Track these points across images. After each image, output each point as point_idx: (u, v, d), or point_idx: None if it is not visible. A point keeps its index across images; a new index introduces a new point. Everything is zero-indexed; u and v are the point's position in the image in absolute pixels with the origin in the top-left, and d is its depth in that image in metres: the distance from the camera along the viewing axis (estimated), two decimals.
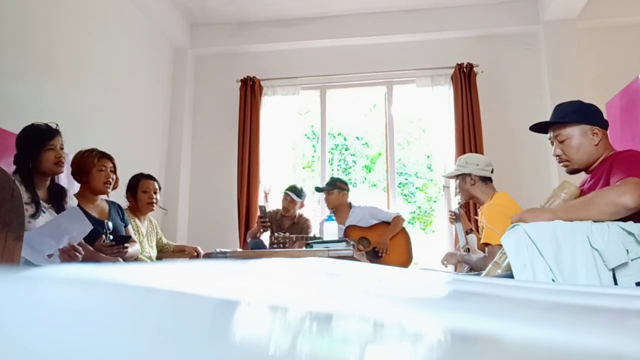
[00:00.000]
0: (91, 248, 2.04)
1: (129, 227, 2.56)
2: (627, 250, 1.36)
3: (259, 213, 3.43)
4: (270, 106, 4.36)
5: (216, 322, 0.32)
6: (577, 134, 1.73)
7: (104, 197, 2.45)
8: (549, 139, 1.83)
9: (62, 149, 2.04)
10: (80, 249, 1.90)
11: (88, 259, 1.98)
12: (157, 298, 0.37)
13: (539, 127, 1.86)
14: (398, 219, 3.41)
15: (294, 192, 3.54)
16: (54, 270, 0.57)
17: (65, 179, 2.50)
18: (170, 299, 0.37)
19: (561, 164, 1.81)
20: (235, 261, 1.94)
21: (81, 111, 3.16)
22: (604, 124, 1.75)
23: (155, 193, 2.86)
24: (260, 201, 4.16)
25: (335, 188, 3.48)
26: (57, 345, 0.22)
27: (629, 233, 1.38)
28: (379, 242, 3.30)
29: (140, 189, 2.81)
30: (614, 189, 1.47)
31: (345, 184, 3.55)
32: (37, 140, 1.98)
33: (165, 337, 0.25)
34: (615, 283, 1.35)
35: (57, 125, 2.07)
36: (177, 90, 4.46)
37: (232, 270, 0.69)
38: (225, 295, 0.41)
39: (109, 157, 2.40)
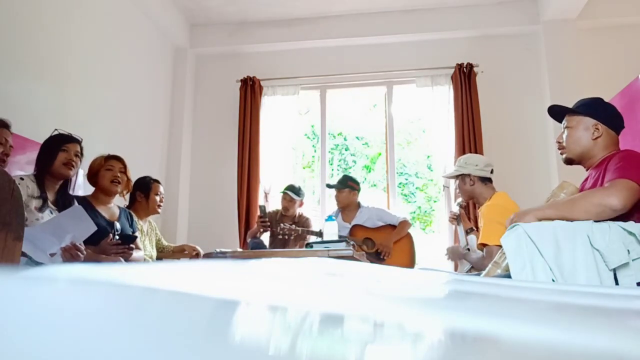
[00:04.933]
0: (89, 251, 2.05)
1: (137, 234, 2.58)
2: (628, 251, 1.36)
3: (259, 213, 3.43)
4: (270, 106, 4.36)
5: (216, 322, 0.31)
6: (581, 125, 1.75)
7: (117, 202, 2.48)
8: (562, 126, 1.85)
9: (77, 156, 2.13)
10: (82, 248, 1.91)
11: (89, 259, 1.99)
12: (157, 298, 0.37)
13: (556, 114, 1.88)
14: (405, 223, 3.41)
15: (292, 191, 3.55)
16: (54, 270, 0.57)
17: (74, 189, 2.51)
18: (170, 299, 0.37)
19: (559, 151, 1.85)
20: (235, 261, 1.94)
21: (81, 111, 3.16)
22: (614, 125, 1.75)
23: (163, 197, 2.95)
24: (260, 201, 4.16)
25: (347, 187, 3.49)
26: (57, 346, 0.22)
27: (630, 233, 1.38)
28: (383, 245, 3.30)
29: (153, 191, 2.87)
30: (602, 190, 1.48)
31: (357, 183, 3.56)
32: (55, 143, 2.11)
33: (165, 337, 0.25)
34: (617, 283, 1.35)
35: (82, 139, 2.21)
36: (177, 90, 4.46)
37: (232, 270, 0.69)
38: (225, 295, 0.41)
39: (117, 158, 2.45)
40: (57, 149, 2.08)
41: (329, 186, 3.71)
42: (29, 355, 0.21)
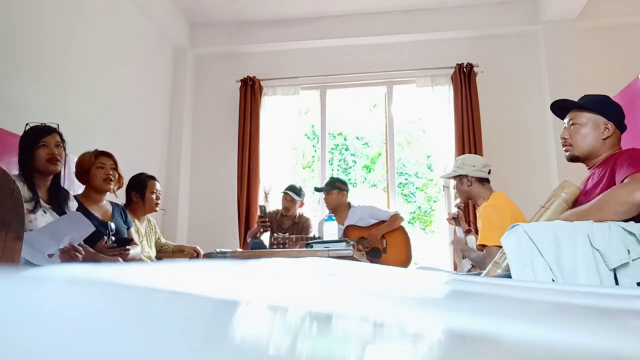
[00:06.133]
0: (91, 249, 2.04)
1: (132, 229, 2.55)
2: (628, 251, 1.36)
3: (259, 213, 3.43)
4: (270, 106, 4.36)
5: (216, 322, 0.31)
6: (589, 123, 1.72)
7: (109, 198, 2.45)
8: (565, 122, 1.83)
9: (59, 146, 2.01)
10: (81, 249, 1.90)
11: (88, 259, 1.98)
12: (157, 298, 0.37)
13: (559, 111, 1.85)
14: (395, 216, 3.39)
15: (293, 192, 3.55)
16: (54, 270, 0.57)
17: (66, 179, 2.49)
18: (170, 299, 0.37)
19: (564, 148, 1.81)
20: (235, 261, 1.94)
21: (81, 111, 3.16)
22: (620, 125, 1.74)
23: (160, 194, 2.88)
24: (260, 201, 4.16)
25: (335, 188, 3.48)
26: (57, 346, 0.22)
27: (630, 233, 1.38)
28: (371, 235, 3.29)
29: (149, 189, 2.80)
30: (623, 187, 1.45)
31: (345, 184, 3.54)
32: (32, 139, 1.98)
33: (165, 337, 0.25)
34: (617, 283, 1.35)
35: (57, 125, 2.06)
36: (177, 90, 4.46)
37: (232, 270, 0.69)
38: (225, 295, 0.41)
39: (107, 155, 2.39)
40: (35, 145, 1.95)
41: (317, 190, 3.69)
42: (29, 355, 0.21)
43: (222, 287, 0.46)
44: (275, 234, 3.18)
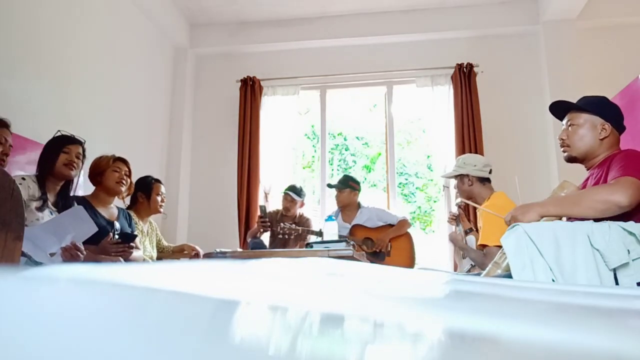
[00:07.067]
0: (89, 251, 2.05)
1: (136, 233, 2.58)
2: (628, 251, 1.36)
3: (259, 213, 3.43)
4: (270, 106, 4.36)
5: (216, 322, 0.31)
6: (587, 124, 1.73)
7: (115, 203, 2.49)
8: (563, 123, 1.83)
9: (79, 157, 2.15)
10: (82, 248, 1.91)
11: (89, 259, 1.99)
12: (157, 298, 0.37)
13: (558, 112, 1.85)
14: (403, 221, 3.43)
15: (294, 192, 3.56)
16: (54, 270, 0.57)
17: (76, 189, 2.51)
18: (170, 299, 0.37)
19: (562, 148, 1.81)
20: (235, 261, 1.94)
21: (81, 111, 3.16)
22: (618, 126, 1.74)
23: (164, 197, 2.95)
24: (260, 201, 4.16)
25: (347, 187, 3.50)
26: (57, 346, 0.22)
27: (630, 233, 1.38)
28: (379, 239, 3.31)
29: (155, 191, 2.87)
30: (607, 186, 1.48)
31: (358, 183, 3.57)
32: (57, 144, 2.14)
33: (165, 337, 0.25)
34: (617, 283, 1.35)
35: (84, 141, 2.23)
36: (177, 90, 4.46)
37: (232, 270, 0.69)
38: (225, 295, 0.41)
39: (124, 161, 2.48)
40: (58, 150, 2.10)
41: (329, 186, 3.71)
42: (29, 355, 0.21)
43: (222, 287, 0.46)
44: (281, 224, 3.19)
